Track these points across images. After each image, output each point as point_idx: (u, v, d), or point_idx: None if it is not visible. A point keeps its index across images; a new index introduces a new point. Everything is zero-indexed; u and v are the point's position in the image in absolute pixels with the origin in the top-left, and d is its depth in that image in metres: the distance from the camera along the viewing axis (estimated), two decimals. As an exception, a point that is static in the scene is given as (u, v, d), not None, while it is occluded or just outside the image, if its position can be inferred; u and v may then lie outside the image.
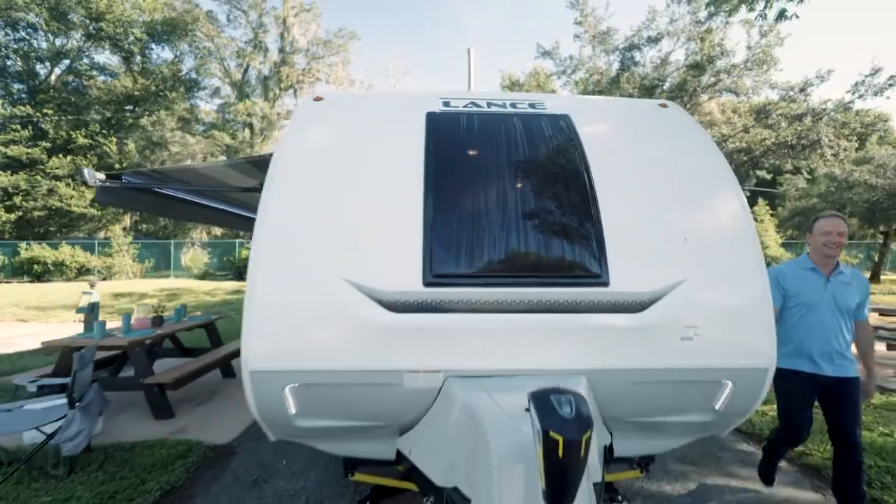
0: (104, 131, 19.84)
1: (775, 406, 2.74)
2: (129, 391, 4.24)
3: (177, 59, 22.70)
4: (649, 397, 2.06)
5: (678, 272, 2.02)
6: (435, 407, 1.96)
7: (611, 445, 2.22)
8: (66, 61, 20.54)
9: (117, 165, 21.25)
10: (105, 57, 21.51)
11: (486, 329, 1.94)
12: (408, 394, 1.96)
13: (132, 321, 4.52)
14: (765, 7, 3.37)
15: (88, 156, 19.27)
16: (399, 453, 2.22)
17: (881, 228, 15.89)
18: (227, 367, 5.38)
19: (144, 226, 23.20)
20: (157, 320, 4.82)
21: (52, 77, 20.73)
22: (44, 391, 3.22)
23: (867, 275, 17.15)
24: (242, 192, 4.56)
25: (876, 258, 16.87)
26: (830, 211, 2.69)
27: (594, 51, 13.06)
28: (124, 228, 18.70)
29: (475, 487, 1.57)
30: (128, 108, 21.30)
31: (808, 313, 2.49)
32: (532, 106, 2.67)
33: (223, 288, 15.40)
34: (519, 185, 2.26)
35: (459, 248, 2.02)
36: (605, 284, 1.98)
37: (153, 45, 21.56)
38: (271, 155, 4.20)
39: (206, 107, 27.39)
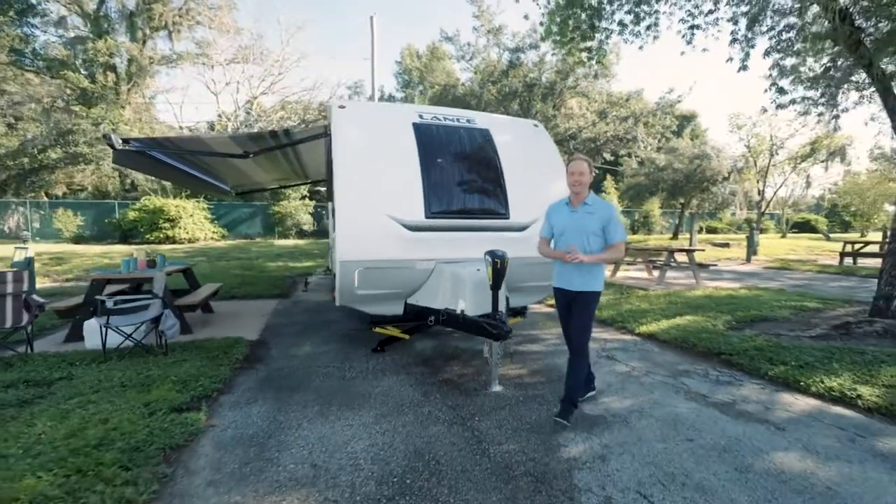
0: None
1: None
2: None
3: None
4: (526, 273, 4.36)
5: (538, 213, 4.30)
6: (431, 277, 3.99)
7: (508, 300, 4.51)
8: None
9: None
10: None
11: (455, 239, 4.02)
12: (417, 273, 3.96)
13: (138, 265, 5.50)
14: (590, 61, 5.90)
15: None
16: (405, 310, 4.21)
17: (681, 200, 21.70)
18: (207, 306, 6.54)
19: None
20: (151, 263, 5.83)
21: None
22: (119, 304, 4.35)
23: (669, 234, 23.40)
24: (231, 156, 5.78)
25: (678, 221, 23.15)
26: (577, 155, 3.14)
27: (488, 42, 15.61)
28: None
29: (459, 302, 3.66)
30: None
31: (560, 239, 3.02)
32: (468, 121, 4.71)
33: (117, 252, 14.54)
34: (465, 167, 4.32)
35: (441, 199, 4.03)
36: (508, 218, 4.20)
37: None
38: (267, 131, 5.74)
39: (46, 37, 22.69)
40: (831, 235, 26.43)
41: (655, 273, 9.03)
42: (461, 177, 4.24)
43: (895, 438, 2.64)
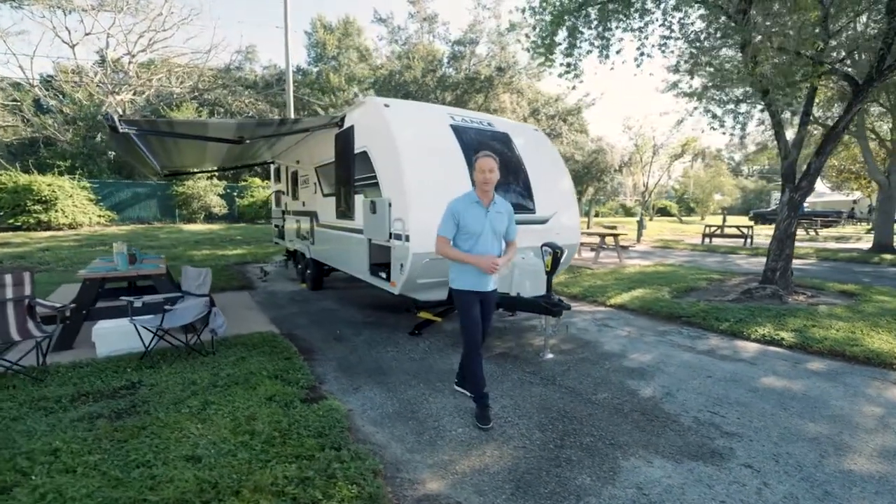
0: None
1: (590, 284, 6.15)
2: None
3: None
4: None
5: (555, 208, 5.13)
6: (481, 265, 4.52)
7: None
8: None
9: None
10: None
11: (500, 232, 4.60)
12: (469, 262, 4.46)
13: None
14: (568, 74, 6.85)
15: None
16: (449, 294, 4.68)
17: (579, 188, 24.77)
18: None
19: None
20: (133, 258, 5.27)
21: None
22: (147, 305, 3.98)
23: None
24: (225, 141, 5.48)
25: (575, 207, 26.45)
26: (484, 151, 2.97)
27: (421, 28, 15.86)
28: None
29: (513, 286, 4.28)
30: None
31: (476, 241, 2.86)
32: (489, 124, 5.26)
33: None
34: (499, 168, 4.87)
35: (489, 197, 4.55)
36: (534, 213, 4.92)
37: None
38: (277, 119, 5.74)
39: None
40: (683, 218, 32.77)
41: (585, 254, 10.68)
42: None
43: (815, 362, 4.08)
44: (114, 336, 4.04)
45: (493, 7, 15.49)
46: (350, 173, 5.23)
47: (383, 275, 4.63)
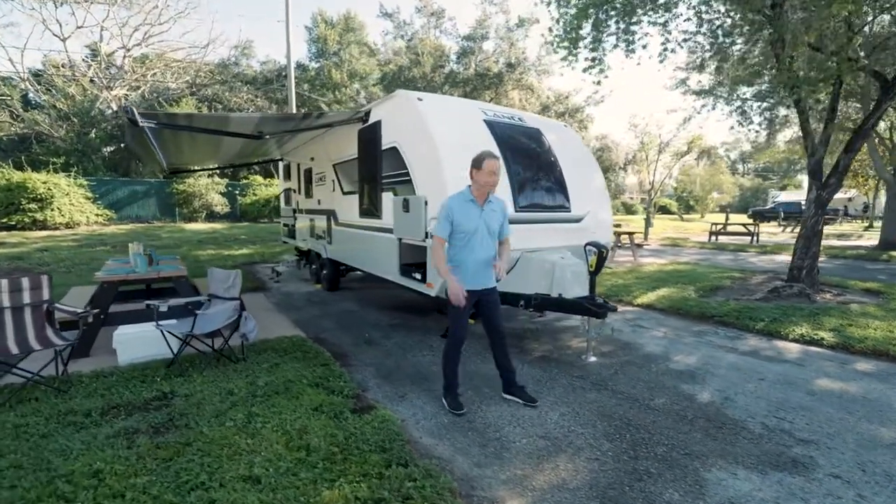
0: None
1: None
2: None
3: None
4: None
5: (589, 207, 4.99)
6: (518, 265, 4.37)
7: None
8: None
9: None
10: None
11: (535, 230, 4.46)
12: (505, 262, 4.31)
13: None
14: (590, 70, 6.71)
15: None
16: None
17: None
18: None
19: None
20: (150, 259, 5.06)
21: None
22: (173, 309, 3.79)
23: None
24: (244, 136, 5.28)
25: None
26: (489, 151, 2.93)
27: (428, 23, 15.70)
28: None
29: (554, 287, 4.14)
30: None
31: (470, 238, 2.90)
32: (520, 119, 5.11)
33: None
34: (535, 165, 4.73)
35: (524, 195, 4.42)
36: (570, 211, 4.78)
37: None
38: (300, 113, 5.60)
39: None
40: (684, 216, 32.88)
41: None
42: (533, 174, 4.67)
43: (861, 362, 3.99)
44: (136, 342, 3.85)
45: (501, 2, 15.43)
46: (376, 170, 5.05)
47: (417, 276, 4.46)
